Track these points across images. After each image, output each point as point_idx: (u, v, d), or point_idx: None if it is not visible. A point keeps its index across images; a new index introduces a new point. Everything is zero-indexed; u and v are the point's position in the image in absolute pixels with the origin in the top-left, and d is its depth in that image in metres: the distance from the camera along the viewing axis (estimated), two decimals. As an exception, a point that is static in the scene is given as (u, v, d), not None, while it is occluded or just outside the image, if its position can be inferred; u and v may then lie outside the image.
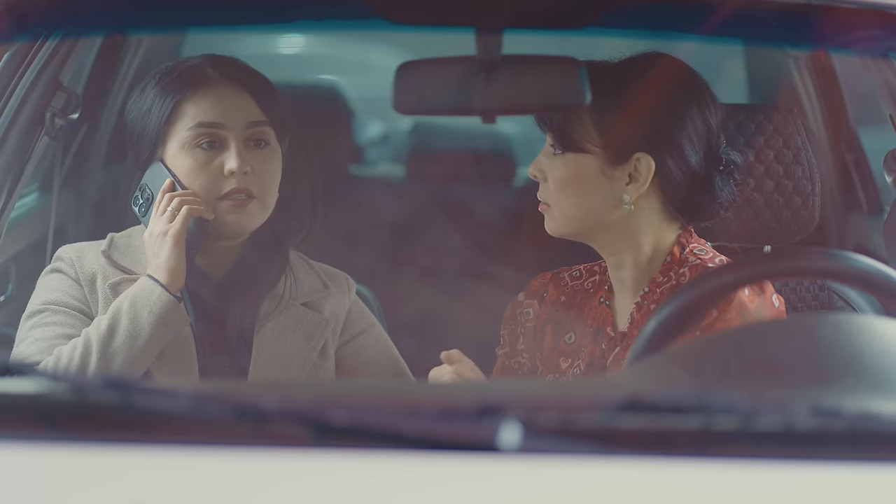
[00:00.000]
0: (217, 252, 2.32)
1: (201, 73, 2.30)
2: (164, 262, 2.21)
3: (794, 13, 2.02)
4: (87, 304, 2.27)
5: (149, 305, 2.19)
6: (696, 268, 2.18)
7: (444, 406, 1.41)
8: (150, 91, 2.31)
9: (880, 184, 3.36)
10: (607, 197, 2.18)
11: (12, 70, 2.51)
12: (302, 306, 2.36)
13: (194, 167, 2.25)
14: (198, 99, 2.27)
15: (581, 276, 2.32)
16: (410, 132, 4.54)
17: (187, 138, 2.26)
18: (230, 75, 2.31)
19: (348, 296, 2.41)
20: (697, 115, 2.19)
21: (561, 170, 2.19)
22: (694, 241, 2.23)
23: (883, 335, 1.53)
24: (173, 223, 2.22)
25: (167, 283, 2.20)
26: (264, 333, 2.32)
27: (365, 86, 4.83)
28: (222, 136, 2.26)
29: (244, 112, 2.28)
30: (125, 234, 2.36)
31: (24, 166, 2.58)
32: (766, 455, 1.37)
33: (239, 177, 2.24)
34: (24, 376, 1.45)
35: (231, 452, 1.35)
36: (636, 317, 2.20)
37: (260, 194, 2.27)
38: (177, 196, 2.23)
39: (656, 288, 2.20)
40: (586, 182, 2.18)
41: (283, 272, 2.36)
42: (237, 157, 2.25)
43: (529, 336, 2.32)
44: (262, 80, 2.35)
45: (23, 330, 2.28)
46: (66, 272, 2.30)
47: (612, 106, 2.15)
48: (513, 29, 1.97)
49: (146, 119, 2.29)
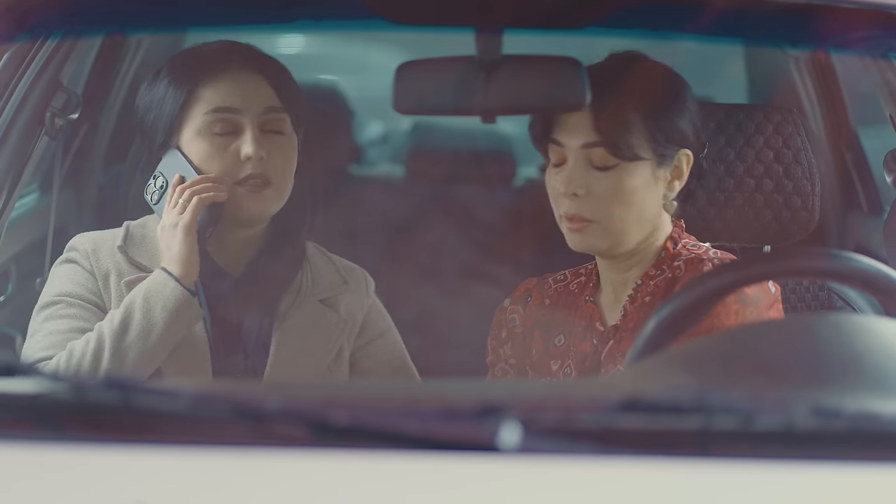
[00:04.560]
0: (233, 247, 2.30)
1: (218, 58, 2.28)
2: (176, 253, 2.20)
3: (794, 13, 2.02)
4: (100, 298, 2.25)
5: (162, 300, 2.18)
6: (691, 262, 2.18)
7: (444, 406, 1.41)
8: (164, 78, 2.28)
9: (880, 184, 3.37)
10: (657, 199, 2.19)
11: (12, 70, 2.50)
12: (320, 303, 2.33)
13: (211, 152, 2.24)
14: (215, 84, 2.26)
15: (566, 279, 2.32)
16: (410, 132, 4.54)
17: (203, 123, 2.24)
18: (247, 61, 2.29)
19: (367, 294, 2.39)
20: (692, 101, 2.24)
21: (613, 181, 2.15)
22: (686, 237, 2.24)
23: (883, 335, 1.54)
24: (184, 214, 2.20)
25: (180, 274, 2.19)
26: (283, 332, 2.29)
27: (365, 86, 4.84)
28: (238, 122, 2.25)
29: (261, 98, 2.27)
30: (140, 224, 2.33)
31: (24, 166, 2.58)
32: (766, 455, 1.37)
33: (255, 162, 2.23)
34: (24, 376, 1.45)
35: (231, 452, 1.35)
36: (630, 309, 2.20)
37: (276, 180, 2.25)
38: (187, 187, 2.22)
39: (649, 281, 2.20)
40: (642, 189, 2.17)
41: (300, 266, 2.34)
42: (253, 141, 2.23)
43: (518, 343, 2.31)
44: (280, 67, 2.33)
45: (35, 322, 2.26)
46: (81, 263, 2.27)
47: (660, 107, 2.17)
48: (513, 29, 1.97)
49: (161, 106, 2.27)
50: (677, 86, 2.22)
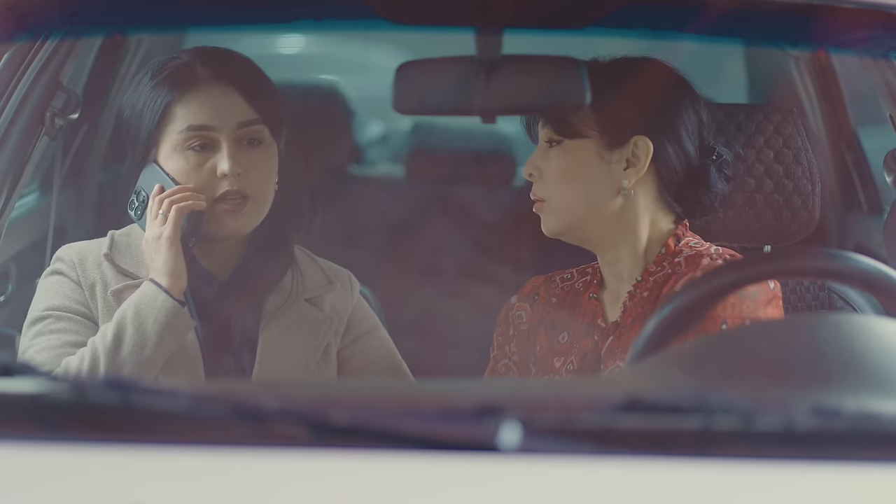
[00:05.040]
0: (219, 252, 2.31)
1: (190, 72, 2.27)
2: (162, 264, 2.20)
3: (794, 13, 2.02)
4: (89, 308, 2.26)
5: (154, 313, 2.18)
6: (692, 258, 2.18)
7: (444, 406, 1.41)
8: (143, 89, 2.28)
9: (880, 184, 3.37)
10: (606, 183, 2.19)
11: (12, 70, 2.50)
12: (306, 302, 2.34)
13: (187, 170, 2.24)
14: (187, 101, 2.25)
15: (572, 277, 2.33)
16: (410, 132, 4.54)
17: (178, 141, 2.24)
18: (220, 73, 2.27)
19: (351, 294, 2.40)
20: (690, 106, 2.23)
21: (558, 160, 2.20)
22: (689, 236, 2.24)
23: (883, 335, 1.54)
24: (165, 225, 2.21)
25: (168, 286, 2.20)
26: (269, 332, 2.30)
27: (365, 86, 4.84)
28: (213, 138, 2.24)
29: (234, 112, 2.26)
30: (125, 233, 2.34)
31: (24, 166, 2.57)
32: (766, 455, 1.37)
33: (231, 179, 2.23)
34: (24, 376, 1.45)
35: (231, 452, 1.35)
36: (629, 305, 2.21)
37: (254, 194, 2.25)
38: (166, 198, 2.22)
39: (649, 277, 2.20)
40: (585, 168, 2.19)
41: (288, 269, 2.35)
42: (229, 158, 2.23)
43: (523, 339, 2.32)
44: (255, 74, 2.32)
45: (27, 337, 2.26)
46: (68, 275, 2.28)
47: (610, 92, 2.17)
48: (513, 29, 1.97)
49: (139, 120, 2.27)
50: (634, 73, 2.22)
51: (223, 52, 2.33)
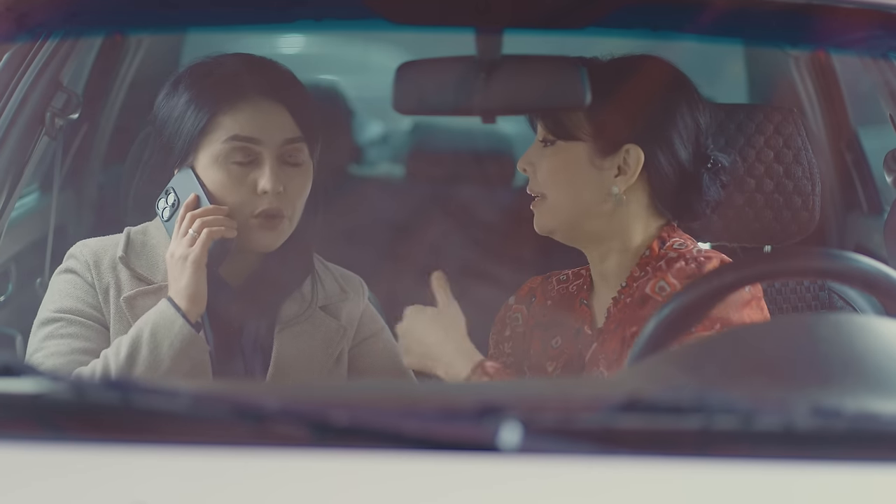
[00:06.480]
0: (238, 260, 2.27)
1: (239, 82, 2.23)
2: (184, 287, 2.16)
3: (794, 13, 2.02)
4: (101, 312, 2.23)
5: (169, 338, 2.15)
6: (673, 260, 2.17)
7: (444, 406, 1.41)
8: (184, 93, 2.23)
9: (880, 184, 3.37)
10: (596, 187, 2.19)
11: (12, 70, 2.50)
12: (321, 310, 2.32)
13: (227, 183, 2.20)
14: (234, 112, 2.21)
15: (568, 279, 2.33)
16: (410, 132, 4.54)
17: (221, 151, 2.20)
18: (269, 87, 2.23)
19: (362, 299, 2.39)
20: (687, 112, 2.21)
21: (551, 159, 2.20)
22: (676, 236, 2.22)
23: (883, 335, 1.54)
24: (194, 248, 2.17)
25: (187, 309, 2.16)
26: (283, 338, 2.28)
27: (365, 86, 4.84)
28: (257, 152, 2.20)
29: (281, 129, 2.22)
30: (141, 231, 2.30)
31: (24, 166, 2.57)
32: (766, 455, 1.37)
33: (272, 197, 2.19)
34: (24, 376, 1.45)
35: (231, 452, 1.35)
36: (613, 311, 2.20)
37: (290, 213, 2.23)
38: (198, 217, 2.18)
39: (633, 283, 2.20)
40: (576, 171, 2.19)
41: (307, 276, 2.33)
42: (272, 176, 2.19)
43: (518, 341, 2.32)
44: (301, 91, 2.29)
45: (36, 338, 2.22)
46: (83, 275, 2.24)
47: (604, 98, 2.16)
48: (513, 29, 1.97)
49: (179, 124, 2.22)
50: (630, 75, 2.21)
51: (270, 64, 2.29)
